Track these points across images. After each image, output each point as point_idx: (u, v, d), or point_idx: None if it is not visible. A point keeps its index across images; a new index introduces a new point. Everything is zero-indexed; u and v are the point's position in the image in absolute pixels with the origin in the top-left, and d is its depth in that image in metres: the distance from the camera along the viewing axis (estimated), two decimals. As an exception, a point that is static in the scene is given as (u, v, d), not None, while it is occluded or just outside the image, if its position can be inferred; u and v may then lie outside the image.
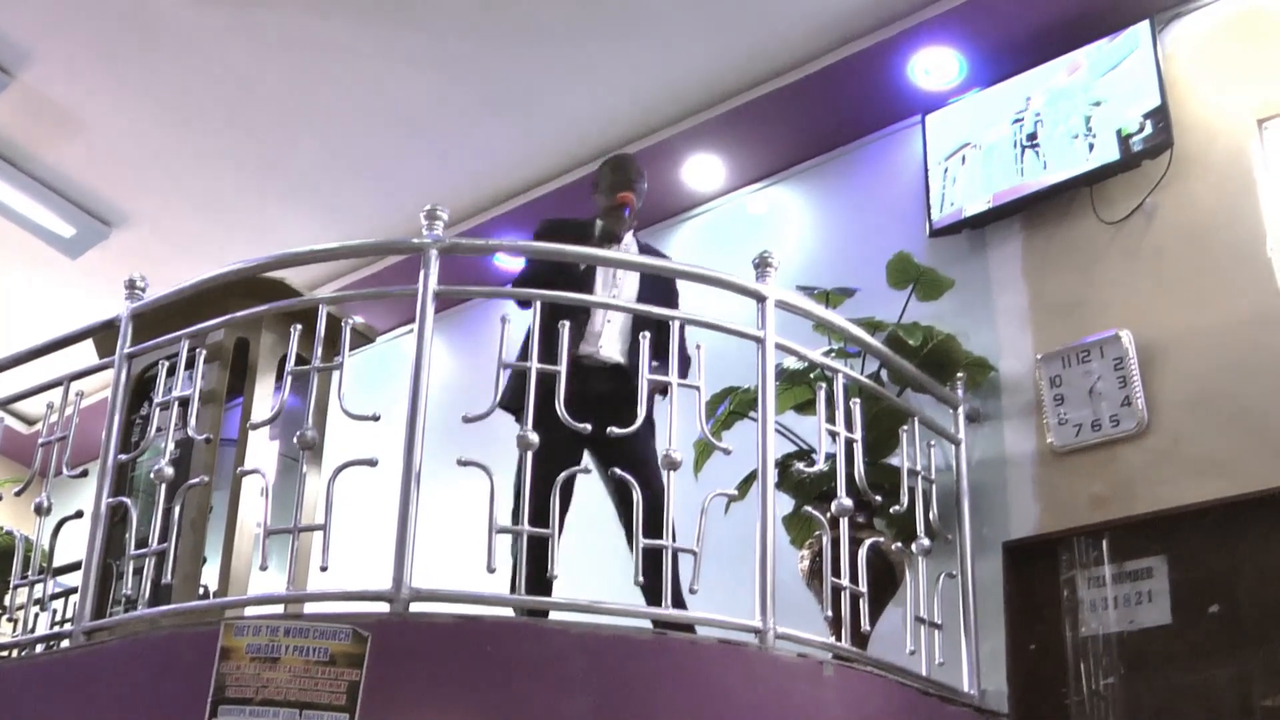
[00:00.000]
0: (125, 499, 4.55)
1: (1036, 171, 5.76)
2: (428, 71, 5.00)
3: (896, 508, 4.75)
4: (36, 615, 4.85)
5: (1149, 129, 5.44)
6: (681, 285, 5.26)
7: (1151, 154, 5.44)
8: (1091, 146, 5.62)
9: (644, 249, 5.38)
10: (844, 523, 4.43)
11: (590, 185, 5.43)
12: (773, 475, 4.29)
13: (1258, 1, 5.48)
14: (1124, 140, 5.52)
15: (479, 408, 4.05)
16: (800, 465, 5.03)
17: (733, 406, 5.25)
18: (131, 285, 4.83)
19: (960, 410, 5.36)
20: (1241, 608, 4.75)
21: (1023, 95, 5.94)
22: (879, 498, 4.72)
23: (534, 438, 4.06)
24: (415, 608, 3.83)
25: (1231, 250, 5.20)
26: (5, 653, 4.81)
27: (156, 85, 6.97)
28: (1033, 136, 5.82)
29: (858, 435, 4.60)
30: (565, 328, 4.25)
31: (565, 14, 6.31)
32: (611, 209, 5.17)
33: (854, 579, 4.42)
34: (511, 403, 4.33)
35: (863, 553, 4.49)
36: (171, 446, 4.50)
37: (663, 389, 4.53)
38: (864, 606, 4.44)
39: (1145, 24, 5.61)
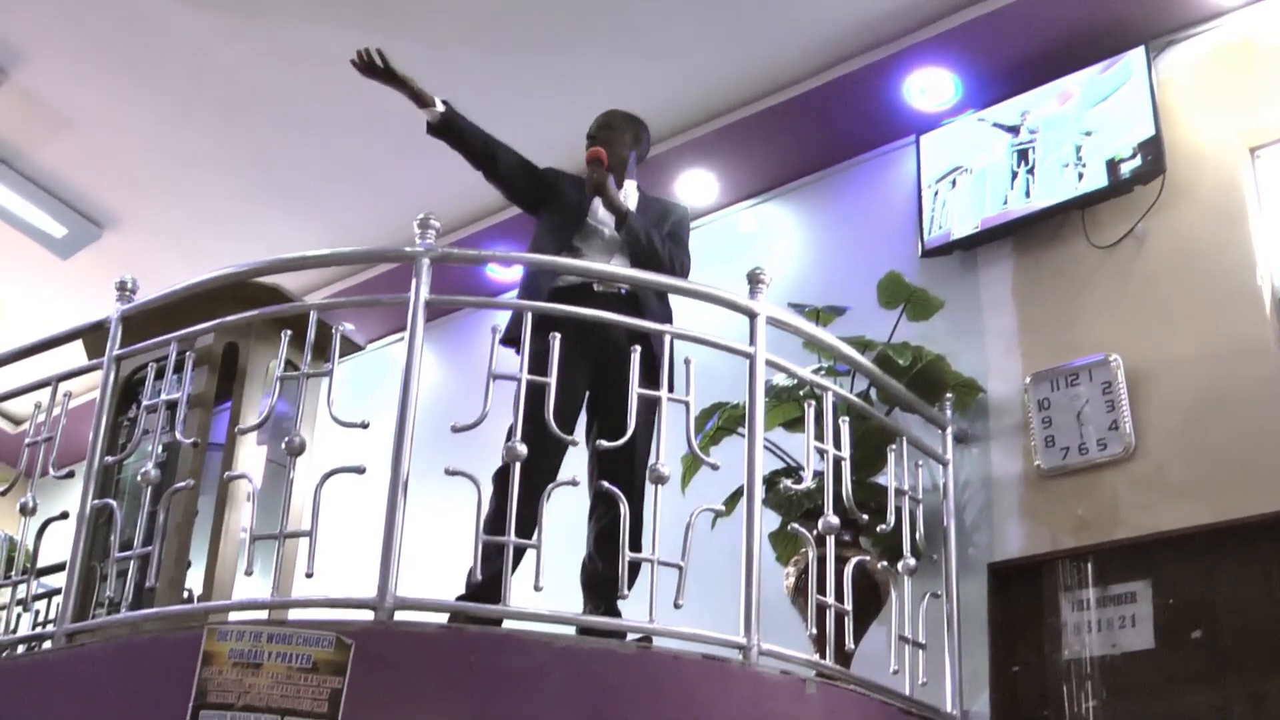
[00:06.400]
0: (111, 501, 4.53)
1: (1027, 197, 5.77)
2: (424, 81, 5.01)
3: (883, 527, 4.75)
4: (19, 616, 4.83)
5: (1141, 156, 5.45)
6: (673, 300, 5.23)
7: (1143, 179, 5.45)
8: (1081, 175, 5.63)
9: (646, 198, 5.35)
10: (830, 540, 4.43)
11: None
12: (760, 491, 4.28)
13: (1251, 30, 5.50)
14: (1114, 170, 5.54)
15: (468, 417, 4.05)
16: (787, 482, 5.02)
17: (721, 422, 5.25)
18: (122, 287, 4.82)
19: (948, 431, 5.36)
20: (1223, 634, 4.76)
21: (1016, 120, 5.95)
22: (865, 516, 4.72)
23: (522, 449, 4.06)
24: (400, 616, 3.83)
25: (1221, 278, 5.21)
26: (-13, 652, 4.80)
27: (151, 87, 6.96)
28: (1025, 161, 5.83)
29: (845, 453, 4.61)
30: (556, 339, 4.25)
31: (562, 27, 6.32)
32: (589, 168, 5.18)
33: (839, 597, 4.43)
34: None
35: (848, 571, 4.49)
36: (158, 450, 4.49)
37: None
38: (848, 625, 4.44)
39: (1138, 52, 5.62)
